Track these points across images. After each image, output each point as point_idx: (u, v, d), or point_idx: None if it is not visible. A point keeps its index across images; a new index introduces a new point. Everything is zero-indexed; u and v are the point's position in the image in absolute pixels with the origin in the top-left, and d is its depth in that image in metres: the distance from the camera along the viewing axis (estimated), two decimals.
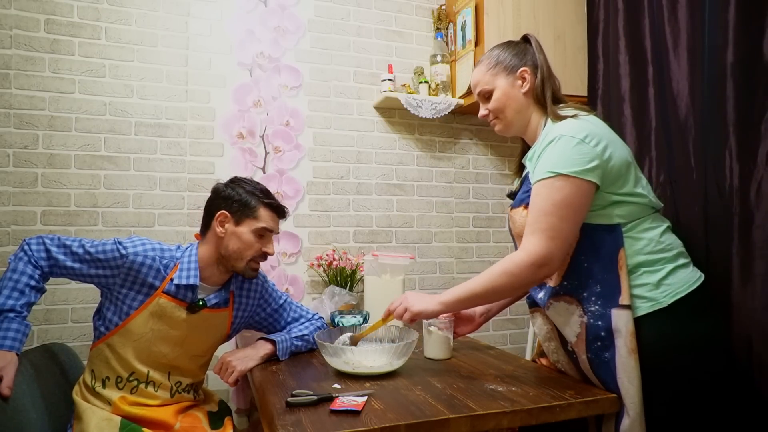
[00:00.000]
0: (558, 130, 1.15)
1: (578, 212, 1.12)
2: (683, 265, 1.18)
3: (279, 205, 1.41)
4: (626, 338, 1.11)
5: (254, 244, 1.36)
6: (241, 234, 1.35)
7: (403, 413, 1.00)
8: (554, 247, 1.12)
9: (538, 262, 1.12)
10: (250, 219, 1.36)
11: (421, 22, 2.38)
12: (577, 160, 1.10)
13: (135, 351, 1.32)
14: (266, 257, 1.41)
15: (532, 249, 1.12)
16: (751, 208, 1.29)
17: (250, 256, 1.36)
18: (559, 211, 1.11)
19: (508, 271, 1.15)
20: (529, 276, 1.14)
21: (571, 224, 1.13)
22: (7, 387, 1.11)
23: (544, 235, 1.12)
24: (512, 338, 2.46)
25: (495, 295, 1.20)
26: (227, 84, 2.08)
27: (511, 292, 1.21)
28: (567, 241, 1.14)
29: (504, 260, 1.17)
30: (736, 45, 1.33)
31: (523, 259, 1.13)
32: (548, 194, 1.12)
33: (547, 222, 1.11)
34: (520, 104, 1.28)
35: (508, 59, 1.29)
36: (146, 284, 1.32)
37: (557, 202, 1.10)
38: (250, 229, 1.36)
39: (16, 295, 1.23)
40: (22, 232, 1.83)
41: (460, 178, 2.41)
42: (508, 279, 1.15)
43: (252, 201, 1.37)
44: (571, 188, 1.10)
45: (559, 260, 1.14)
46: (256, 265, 1.40)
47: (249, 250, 1.36)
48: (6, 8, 1.83)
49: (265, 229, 1.37)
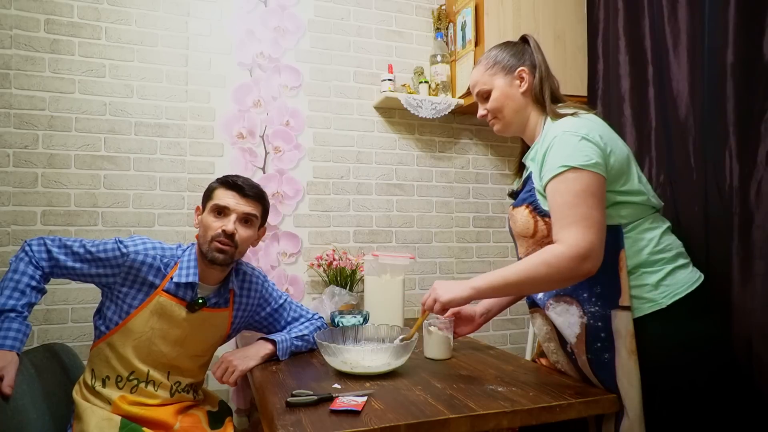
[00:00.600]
0: (559, 127, 1.15)
1: (601, 202, 1.10)
2: (683, 265, 1.18)
3: (235, 182, 1.37)
4: (626, 339, 1.11)
5: (212, 223, 1.35)
6: (204, 219, 1.37)
7: (403, 413, 1.00)
8: (594, 237, 1.06)
9: (583, 253, 1.05)
10: (209, 201, 1.38)
11: (421, 22, 2.38)
12: (583, 154, 1.10)
13: (135, 350, 1.32)
14: (231, 237, 1.33)
15: (573, 241, 1.06)
16: (751, 208, 1.29)
17: (209, 236, 1.34)
18: (585, 201, 1.07)
19: (547, 261, 1.08)
20: (572, 269, 1.07)
21: (600, 213, 1.09)
22: (8, 386, 1.11)
23: (580, 226, 1.06)
24: (512, 338, 2.46)
25: (530, 285, 1.14)
26: (227, 84, 2.08)
27: (549, 286, 1.14)
28: (603, 230, 1.08)
29: (543, 251, 1.11)
30: (736, 45, 1.33)
31: (565, 251, 1.07)
32: (567, 187, 1.09)
33: (579, 213, 1.07)
34: (519, 104, 1.28)
35: (506, 59, 1.29)
36: (146, 283, 1.32)
37: (579, 192, 1.08)
38: (208, 210, 1.37)
39: (17, 295, 1.23)
40: (22, 232, 1.83)
41: (460, 178, 2.41)
42: (546, 270, 1.08)
43: (213, 184, 1.40)
44: (587, 179, 1.09)
45: (601, 252, 1.08)
46: (219, 246, 1.33)
47: (209, 230, 1.35)
48: (6, 8, 1.83)
49: (218, 206, 1.35)
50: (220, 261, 1.34)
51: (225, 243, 1.33)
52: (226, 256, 1.34)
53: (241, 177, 1.40)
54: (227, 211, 1.35)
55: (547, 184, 1.14)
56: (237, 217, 1.35)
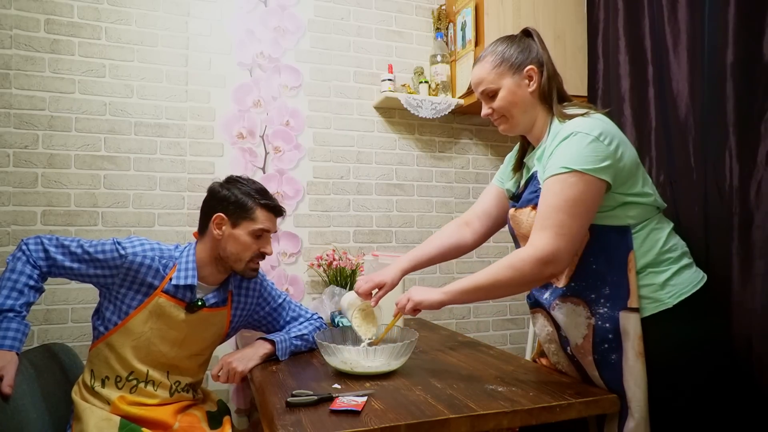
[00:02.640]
0: (572, 127, 1.13)
1: (589, 210, 1.10)
2: (687, 265, 1.18)
3: (276, 205, 1.41)
4: (634, 341, 1.10)
5: (252, 245, 1.36)
6: (238, 236, 1.35)
7: (403, 413, 1.00)
8: (562, 245, 1.08)
9: (545, 258, 1.08)
10: (247, 221, 1.35)
11: (421, 22, 2.38)
12: (591, 157, 1.08)
13: (134, 350, 1.32)
14: (264, 257, 1.41)
15: (539, 245, 1.09)
16: (751, 208, 1.29)
17: (248, 257, 1.36)
18: (571, 208, 1.08)
19: (512, 265, 1.12)
20: (535, 272, 1.10)
21: (581, 222, 1.10)
22: (7, 386, 1.11)
23: (552, 232, 1.08)
24: (512, 338, 2.46)
25: (499, 289, 1.16)
26: (227, 84, 2.08)
27: (516, 288, 1.17)
28: (575, 240, 1.11)
29: (510, 254, 1.14)
30: (736, 45, 1.33)
31: (530, 254, 1.10)
32: (560, 190, 1.09)
33: (557, 218, 1.08)
34: (527, 104, 1.23)
35: (513, 56, 1.23)
36: (145, 284, 1.32)
37: (569, 198, 1.08)
38: (247, 231, 1.35)
39: (15, 294, 1.23)
40: (22, 232, 1.83)
41: (460, 178, 2.41)
42: (511, 273, 1.12)
43: (248, 202, 1.36)
44: (584, 185, 1.08)
45: (567, 259, 1.11)
46: (255, 266, 1.40)
47: (247, 251, 1.36)
48: (6, 8, 1.83)
49: (262, 230, 1.37)
50: (250, 277, 1.42)
51: (260, 261, 1.41)
52: (257, 273, 1.44)
53: (270, 194, 1.42)
54: (267, 234, 1.39)
55: (546, 179, 1.13)
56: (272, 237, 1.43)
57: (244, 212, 1.35)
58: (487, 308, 2.42)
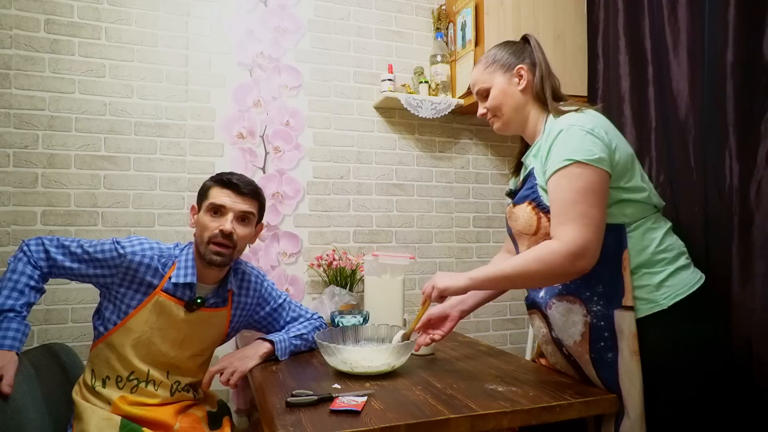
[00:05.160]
0: (565, 121, 1.15)
1: (603, 199, 1.09)
2: (684, 266, 1.18)
3: (230, 180, 1.35)
4: (629, 340, 1.10)
5: (209, 224, 1.33)
6: (200, 218, 1.36)
7: (403, 413, 1.00)
8: (591, 235, 1.06)
9: (577, 251, 1.06)
10: (204, 200, 1.36)
11: (421, 22, 2.38)
12: (589, 149, 1.09)
13: (135, 349, 1.32)
14: (229, 237, 1.32)
15: (569, 238, 1.06)
16: (751, 208, 1.29)
17: (207, 236, 1.32)
18: (586, 198, 1.07)
19: (542, 258, 1.09)
20: (566, 266, 1.07)
21: (600, 211, 1.09)
22: (7, 385, 1.11)
23: (577, 224, 1.06)
24: (512, 338, 2.46)
25: (525, 280, 1.15)
26: (227, 84, 2.08)
27: (542, 282, 1.16)
28: (600, 229, 1.08)
29: (539, 246, 1.11)
30: (736, 45, 1.33)
31: (560, 248, 1.07)
32: (569, 183, 1.09)
33: (577, 210, 1.07)
34: (517, 101, 1.27)
35: (504, 57, 1.29)
36: (144, 283, 1.32)
37: (580, 189, 1.08)
38: (204, 209, 1.35)
39: (15, 295, 1.23)
40: (22, 232, 1.83)
41: (460, 178, 2.41)
42: (540, 267, 1.09)
43: (207, 183, 1.38)
44: (590, 175, 1.08)
45: (597, 250, 1.08)
46: (217, 248, 1.32)
47: (206, 231, 1.33)
48: (6, 8, 1.83)
49: (213, 205, 1.33)
50: (218, 263, 1.33)
51: (223, 244, 1.32)
52: (224, 258, 1.33)
53: (236, 174, 1.38)
54: (224, 210, 1.34)
55: (550, 177, 1.13)
56: (234, 216, 1.34)
57: (204, 193, 1.38)
58: (487, 308, 2.42)
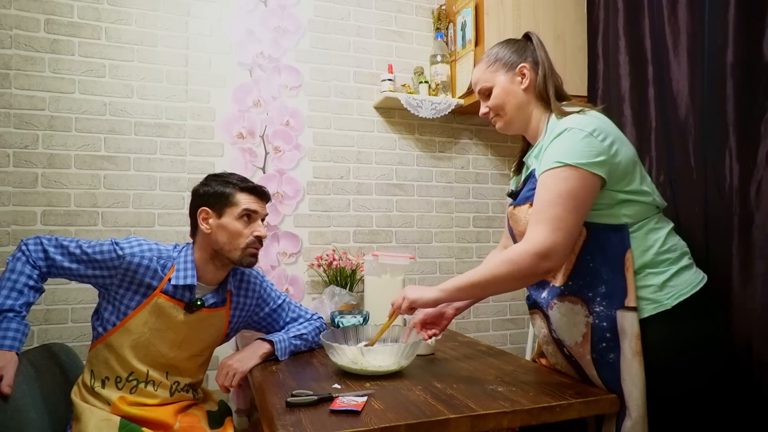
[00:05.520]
0: (565, 123, 1.14)
1: (584, 205, 1.10)
2: (687, 266, 1.17)
3: (256, 186, 1.40)
4: (631, 340, 1.10)
5: (242, 230, 1.35)
6: (226, 225, 1.35)
7: (403, 413, 1.00)
8: (559, 239, 1.08)
9: (542, 252, 1.08)
10: (230, 207, 1.35)
11: (421, 22, 2.38)
12: (585, 152, 1.09)
13: (134, 350, 1.32)
14: (261, 241, 1.39)
15: (536, 239, 1.09)
16: (751, 208, 1.29)
17: (243, 243, 1.35)
18: (565, 202, 1.08)
19: (509, 259, 1.11)
20: (532, 267, 1.09)
21: (577, 216, 1.10)
22: (7, 386, 1.11)
23: (548, 226, 1.08)
24: (512, 338, 2.46)
25: (495, 285, 1.15)
26: (227, 84, 2.08)
27: (513, 284, 1.16)
28: (572, 234, 1.10)
29: (507, 250, 1.14)
30: (736, 45, 1.33)
31: (526, 248, 1.09)
32: (554, 185, 1.10)
33: (552, 212, 1.09)
34: (520, 100, 1.26)
35: (507, 56, 1.28)
36: (144, 284, 1.32)
37: (563, 192, 1.08)
38: (234, 216, 1.35)
39: (14, 295, 1.23)
40: (22, 232, 1.83)
41: (460, 178, 2.41)
42: (508, 268, 1.11)
43: (227, 189, 1.37)
44: (578, 180, 1.08)
45: (564, 254, 1.10)
46: (253, 251, 1.37)
47: (239, 237, 1.34)
48: (6, 8, 1.83)
49: (247, 211, 1.36)
50: (250, 264, 1.40)
51: (258, 247, 1.39)
52: (257, 259, 1.40)
53: (249, 180, 1.41)
54: (255, 216, 1.38)
55: (540, 176, 1.14)
56: (262, 220, 1.40)
57: (225, 199, 1.36)
58: (487, 308, 2.42)
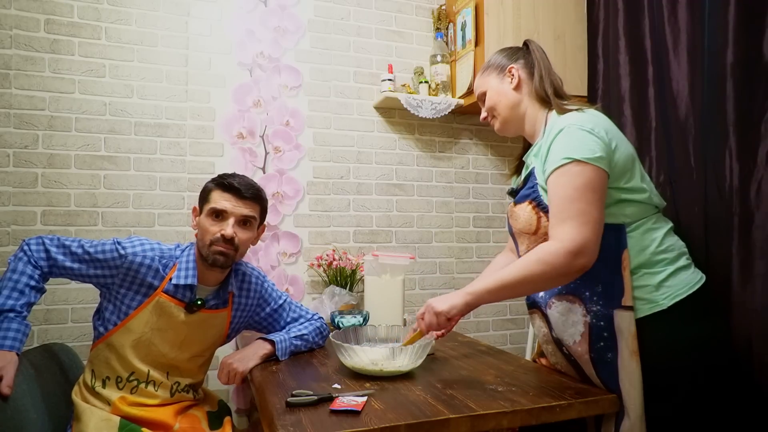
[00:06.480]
0: (564, 121, 1.16)
1: (602, 197, 1.09)
2: (684, 266, 1.18)
3: (229, 183, 1.34)
4: (628, 340, 1.10)
5: (210, 227, 1.33)
6: (201, 221, 1.36)
7: (403, 413, 1.00)
8: (588, 233, 1.06)
9: (575, 249, 1.06)
10: (206, 203, 1.36)
11: (421, 22, 2.38)
12: (587, 148, 1.10)
13: (135, 350, 1.32)
14: (230, 242, 1.32)
15: (566, 237, 1.06)
16: (751, 208, 1.29)
17: (208, 240, 1.32)
18: (584, 196, 1.07)
19: (542, 259, 1.08)
20: (566, 266, 1.06)
21: (599, 209, 1.08)
22: (7, 386, 1.11)
23: (575, 222, 1.06)
24: (512, 338, 2.46)
25: (527, 285, 1.13)
26: (227, 84, 2.08)
27: (545, 285, 1.14)
28: (599, 227, 1.08)
29: (536, 249, 1.11)
30: (736, 45, 1.33)
31: (558, 247, 1.07)
32: (568, 180, 1.09)
33: (576, 208, 1.07)
34: (511, 99, 1.30)
35: (498, 61, 1.35)
36: (145, 284, 1.32)
37: (579, 186, 1.08)
38: (206, 213, 1.35)
39: (15, 295, 1.23)
40: (22, 232, 1.83)
41: (460, 178, 2.41)
42: (542, 268, 1.08)
43: (209, 185, 1.37)
44: (590, 173, 1.08)
45: (595, 249, 1.08)
46: (218, 249, 1.31)
47: (206, 234, 1.33)
48: (6, 8, 1.83)
49: (214, 210, 1.33)
50: (220, 263, 1.33)
51: (225, 247, 1.32)
52: (226, 258, 1.33)
53: (237, 176, 1.37)
54: (225, 214, 1.33)
55: (549, 175, 1.13)
56: (235, 220, 1.33)
57: (204, 196, 1.37)
58: (487, 308, 2.42)
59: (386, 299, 1.87)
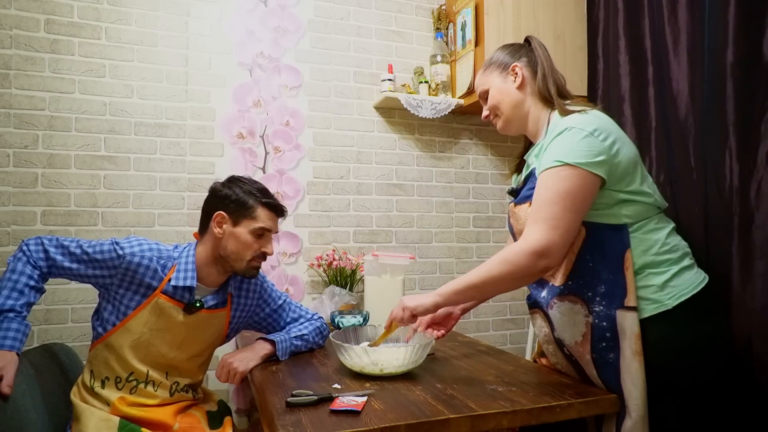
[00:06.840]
0: (566, 122, 1.14)
1: (582, 204, 1.10)
2: (688, 266, 1.17)
3: (277, 204, 1.41)
4: (631, 340, 1.10)
5: (252, 244, 1.35)
6: (239, 234, 1.35)
7: (403, 413, 1.00)
8: (555, 237, 1.08)
9: (539, 251, 1.08)
10: (248, 219, 1.35)
11: (421, 22, 2.38)
12: (585, 152, 1.09)
13: (134, 350, 1.32)
14: (266, 257, 1.40)
15: (532, 237, 1.09)
16: (751, 208, 1.29)
17: (249, 256, 1.36)
18: (563, 201, 1.08)
19: (506, 259, 1.11)
20: (529, 266, 1.09)
21: (574, 215, 1.10)
22: (7, 386, 1.11)
23: (545, 224, 1.09)
24: (512, 338, 2.46)
25: (493, 285, 1.15)
26: (227, 84, 2.08)
27: (510, 284, 1.15)
28: (569, 233, 1.10)
29: (503, 249, 1.14)
30: (736, 45, 1.33)
31: (523, 247, 1.09)
32: (553, 184, 1.10)
33: (550, 211, 1.09)
34: (514, 98, 1.28)
35: (500, 58, 1.32)
36: (144, 284, 1.32)
37: (561, 191, 1.09)
38: (248, 229, 1.35)
39: (15, 295, 1.23)
40: (22, 232, 1.82)
41: (460, 178, 2.41)
42: (505, 268, 1.11)
43: (249, 200, 1.36)
44: (576, 179, 1.09)
45: (561, 252, 1.11)
46: (257, 264, 1.39)
47: (248, 250, 1.35)
48: (6, 8, 1.83)
49: (263, 229, 1.37)
50: (251, 276, 1.41)
51: (261, 261, 1.40)
52: (258, 270, 1.42)
53: (271, 194, 1.42)
54: (268, 234, 1.39)
55: (540, 174, 1.14)
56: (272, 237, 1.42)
57: (245, 210, 1.35)
58: (487, 308, 2.42)
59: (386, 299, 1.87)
